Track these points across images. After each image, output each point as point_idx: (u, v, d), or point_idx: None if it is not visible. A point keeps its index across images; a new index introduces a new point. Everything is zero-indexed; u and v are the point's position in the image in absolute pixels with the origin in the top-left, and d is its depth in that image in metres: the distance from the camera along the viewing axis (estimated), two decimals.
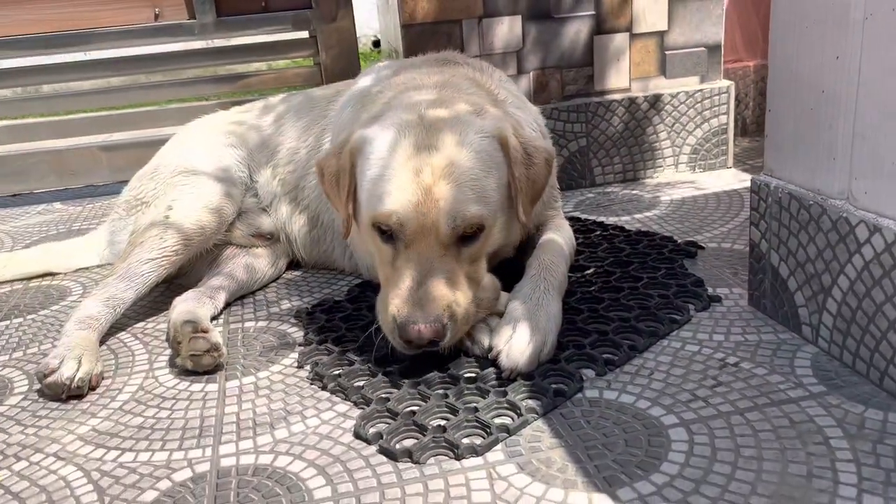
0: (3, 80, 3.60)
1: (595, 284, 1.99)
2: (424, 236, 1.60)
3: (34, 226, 3.13)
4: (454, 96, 1.83)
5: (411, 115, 1.73)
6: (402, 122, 1.71)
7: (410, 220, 1.59)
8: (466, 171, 1.64)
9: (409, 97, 1.84)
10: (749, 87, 3.41)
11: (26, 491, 1.40)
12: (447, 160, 1.63)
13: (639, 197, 2.77)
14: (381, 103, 1.90)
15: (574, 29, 2.80)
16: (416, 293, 1.56)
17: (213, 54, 3.86)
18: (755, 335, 1.71)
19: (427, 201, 1.59)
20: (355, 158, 1.74)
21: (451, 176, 1.61)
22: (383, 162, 1.67)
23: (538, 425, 1.45)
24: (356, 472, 1.36)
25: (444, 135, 1.67)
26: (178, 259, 2.07)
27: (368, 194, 1.68)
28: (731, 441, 1.35)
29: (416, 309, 1.54)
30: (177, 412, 1.63)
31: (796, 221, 1.63)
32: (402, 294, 1.57)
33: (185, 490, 1.36)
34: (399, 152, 1.66)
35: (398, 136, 1.68)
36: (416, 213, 1.59)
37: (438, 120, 1.70)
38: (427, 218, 1.58)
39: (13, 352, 1.99)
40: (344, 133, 1.96)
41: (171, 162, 2.31)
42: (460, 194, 1.61)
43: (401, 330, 1.55)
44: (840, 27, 1.46)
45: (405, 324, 1.54)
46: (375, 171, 1.68)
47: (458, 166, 1.63)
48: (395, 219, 1.60)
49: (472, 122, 1.71)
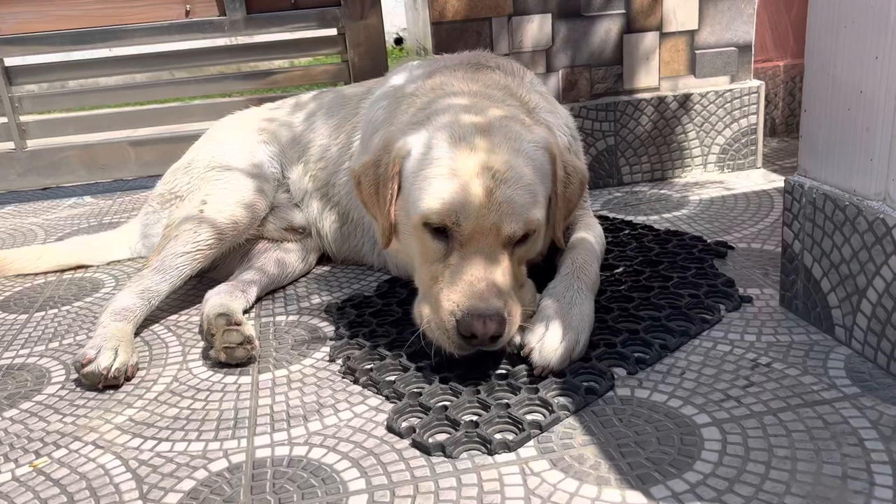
0: (34, 76, 3.64)
1: (625, 283, 1.99)
2: (484, 235, 1.59)
3: (65, 219, 3.18)
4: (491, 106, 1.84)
5: (459, 120, 1.72)
6: (452, 126, 1.70)
7: (471, 218, 1.58)
8: (524, 177, 1.65)
9: (450, 102, 1.84)
10: (779, 87, 3.39)
11: (67, 478, 1.43)
12: (506, 164, 1.63)
13: (667, 196, 2.77)
14: (417, 107, 1.91)
15: (604, 27, 2.80)
16: (476, 287, 1.54)
17: (241, 51, 3.89)
18: (787, 336, 1.71)
19: (489, 203, 1.59)
20: (401, 164, 1.73)
21: (511, 180, 1.62)
22: (438, 163, 1.65)
23: (570, 422, 1.46)
24: (390, 465, 1.38)
25: (500, 140, 1.68)
26: (211, 253, 2.10)
27: (421, 193, 1.66)
28: (764, 441, 1.35)
29: (480, 302, 1.52)
30: (211, 403, 1.65)
31: (831, 222, 1.63)
32: (463, 289, 1.54)
33: (221, 480, 1.38)
34: (455, 154, 1.65)
35: (451, 140, 1.68)
36: (477, 213, 1.58)
37: (490, 126, 1.71)
38: (487, 219, 1.58)
39: (49, 342, 2.02)
40: (378, 138, 1.97)
41: (205, 157, 2.34)
42: (521, 198, 1.62)
43: (463, 325, 1.51)
44: (879, 27, 1.45)
45: (469, 317, 1.51)
46: (429, 172, 1.66)
47: (516, 171, 1.64)
48: (455, 217, 1.59)
49: (522, 131, 1.73)
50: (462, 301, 1.53)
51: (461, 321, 1.52)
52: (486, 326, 1.51)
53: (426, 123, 1.76)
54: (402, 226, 1.76)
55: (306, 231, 2.37)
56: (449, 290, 1.57)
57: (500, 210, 1.59)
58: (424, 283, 1.68)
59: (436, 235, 1.64)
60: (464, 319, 1.51)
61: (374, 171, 1.79)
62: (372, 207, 1.83)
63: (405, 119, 1.89)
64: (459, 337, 1.54)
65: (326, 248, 2.41)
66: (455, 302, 1.54)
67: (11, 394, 1.76)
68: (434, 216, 1.62)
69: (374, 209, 1.82)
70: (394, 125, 1.92)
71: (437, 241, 1.64)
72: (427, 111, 1.82)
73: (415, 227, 1.68)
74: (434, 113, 1.79)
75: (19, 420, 1.65)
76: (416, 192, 1.67)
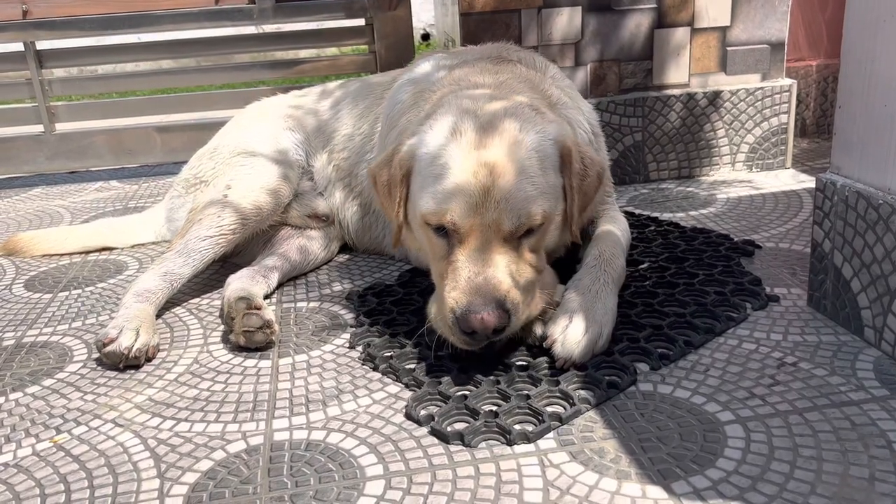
0: (65, 60, 3.68)
1: (649, 279, 1.97)
2: (483, 232, 1.57)
3: (91, 202, 3.20)
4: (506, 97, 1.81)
5: (466, 115, 1.70)
6: (456, 122, 1.69)
7: (467, 216, 1.56)
8: (526, 170, 1.62)
9: (463, 96, 1.81)
10: (811, 86, 3.33)
11: (86, 454, 1.43)
12: (507, 159, 1.61)
13: (694, 194, 2.73)
14: (434, 101, 1.90)
15: (634, 22, 2.77)
16: (474, 282, 1.53)
17: (269, 39, 3.90)
18: (814, 336, 1.68)
19: (487, 200, 1.56)
20: (409, 166, 1.72)
21: (510, 174, 1.59)
22: (438, 163, 1.64)
23: (591, 416, 1.44)
24: (408, 452, 1.37)
25: (503, 135, 1.65)
26: (234, 238, 2.10)
27: (422, 193, 1.65)
28: (789, 440, 1.32)
29: (477, 297, 1.50)
30: (231, 386, 1.65)
31: (863, 221, 1.59)
32: (461, 286, 1.53)
33: (239, 461, 1.38)
34: (455, 153, 1.63)
35: (453, 138, 1.66)
36: (474, 211, 1.56)
37: (496, 119, 1.68)
38: (486, 216, 1.56)
39: (72, 322, 2.04)
40: (396, 133, 1.96)
41: (231, 143, 2.35)
42: (521, 192, 1.59)
43: (462, 321, 1.50)
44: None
45: (466, 313, 1.49)
46: (430, 171, 1.65)
47: (518, 164, 1.61)
48: (450, 216, 1.58)
49: (532, 123, 1.70)
50: (460, 298, 1.52)
51: (460, 318, 1.51)
52: (483, 322, 1.48)
53: (433, 121, 1.74)
54: (412, 224, 1.76)
55: (329, 219, 2.37)
56: (451, 288, 1.55)
57: (499, 206, 1.56)
58: (436, 280, 1.69)
59: (438, 234, 1.63)
60: (462, 316, 1.50)
61: (387, 171, 1.78)
62: (386, 207, 1.83)
63: (421, 114, 1.88)
64: (461, 333, 1.52)
65: (348, 238, 2.41)
66: (455, 299, 1.53)
67: (34, 371, 1.78)
68: (431, 217, 1.61)
69: (388, 209, 1.82)
70: (411, 120, 1.92)
71: (440, 239, 1.63)
72: (440, 106, 1.81)
73: (421, 227, 1.68)
74: (444, 109, 1.76)
75: (41, 396, 1.66)
76: (417, 192, 1.68)
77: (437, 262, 1.65)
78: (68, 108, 3.63)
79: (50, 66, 3.51)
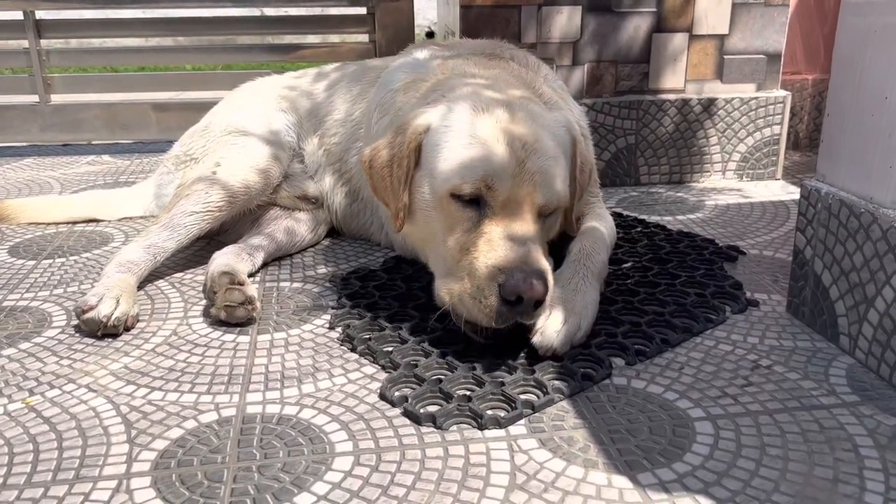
0: (64, 31, 3.66)
1: (632, 278, 1.98)
2: (518, 204, 1.57)
3: (82, 175, 3.20)
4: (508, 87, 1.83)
5: (481, 94, 1.71)
6: (474, 99, 1.69)
7: (507, 185, 1.56)
8: (551, 151, 1.65)
9: (467, 80, 1.83)
10: (806, 100, 3.35)
11: (57, 417, 1.43)
12: (534, 136, 1.63)
13: (683, 199, 2.75)
14: (431, 84, 1.91)
15: (633, 24, 2.78)
16: (519, 250, 1.50)
17: (270, 23, 3.90)
18: (790, 341, 1.69)
19: (522, 172, 1.58)
20: (420, 140, 1.69)
21: (540, 151, 1.62)
22: (465, 133, 1.63)
23: (563, 405, 1.45)
24: (379, 431, 1.37)
25: (523, 115, 1.67)
26: (221, 215, 2.10)
27: (448, 164, 1.62)
28: (757, 439, 1.33)
29: (524, 263, 1.47)
30: (207, 359, 1.65)
31: (845, 229, 1.60)
32: (503, 253, 1.49)
33: (209, 431, 1.38)
34: (481, 124, 1.63)
35: (475, 111, 1.66)
36: (511, 180, 1.57)
37: (511, 101, 1.70)
38: (521, 188, 1.57)
39: (54, 288, 2.03)
40: (385, 124, 1.97)
41: (223, 121, 2.34)
42: (551, 170, 1.62)
43: (508, 287, 1.44)
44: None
45: (514, 278, 1.44)
46: (457, 142, 1.63)
47: (543, 143, 1.64)
48: (491, 181, 1.56)
49: (542, 110, 1.74)
50: (504, 264, 1.48)
51: (506, 284, 1.45)
52: (532, 288, 1.45)
53: (445, 99, 1.75)
54: (419, 203, 1.71)
55: (319, 202, 2.37)
56: (486, 257, 1.51)
57: (534, 180, 1.59)
58: (451, 258, 1.62)
59: (465, 204, 1.60)
60: (508, 282, 1.45)
61: (387, 152, 1.75)
62: (383, 191, 1.77)
63: (418, 95, 1.88)
64: (501, 303, 1.47)
65: (335, 223, 2.41)
66: (495, 266, 1.49)
67: (11, 334, 1.77)
68: (467, 185, 1.58)
69: (386, 192, 1.76)
70: (406, 102, 1.92)
71: (467, 210, 1.60)
72: (443, 89, 1.81)
73: (440, 200, 1.64)
74: (452, 89, 1.78)
75: (17, 359, 1.66)
76: (442, 164, 1.64)
77: (460, 235, 1.60)
78: (65, 79, 3.62)
79: (48, 37, 3.51)
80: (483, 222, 1.58)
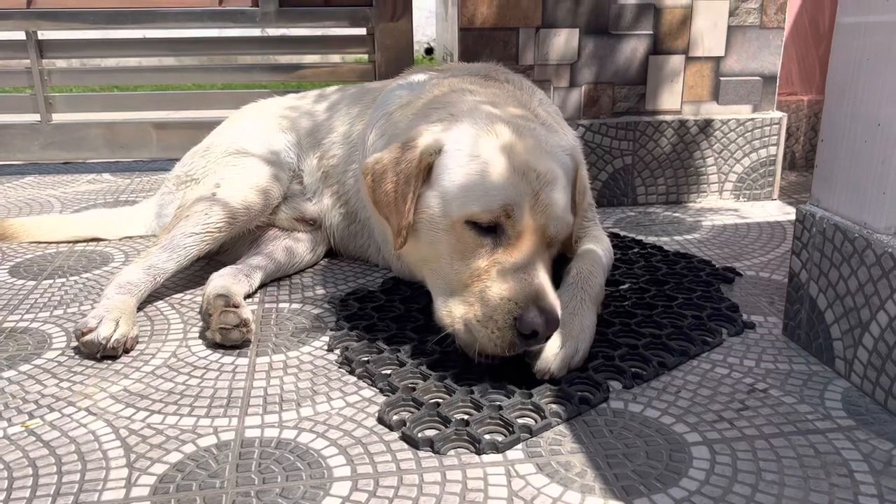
0: (66, 51, 3.70)
1: (629, 300, 1.99)
2: (531, 235, 1.61)
3: (83, 193, 3.21)
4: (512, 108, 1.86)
5: (492, 116, 1.74)
6: (487, 125, 1.71)
7: (525, 216, 1.60)
8: (560, 181, 1.68)
9: (473, 101, 1.85)
10: (801, 121, 3.38)
11: (57, 440, 1.44)
12: (546, 167, 1.66)
13: (680, 219, 2.76)
14: (428, 99, 1.93)
15: (630, 47, 2.81)
16: (534, 285, 1.55)
17: (271, 43, 3.94)
18: (786, 364, 1.70)
19: (537, 203, 1.62)
20: (434, 160, 1.69)
21: (552, 183, 1.65)
22: (481, 161, 1.64)
23: (560, 430, 1.46)
24: (377, 456, 1.38)
25: (538, 142, 1.71)
26: (221, 236, 2.11)
27: (466, 190, 1.63)
28: (753, 464, 1.34)
29: (541, 300, 1.53)
30: (206, 381, 1.66)
31: (839, 253, 1.62)
32: (520, 286, 1.53)
33: (208, 455, 1.39)
34: (498, 152, 1.65)
35: (487, 135, 1.68)
36: (529, 211, 1.61)
37: (522, 129, 1.72)
38: (537, 219, 1.61)
39: (54, 309, 2.04)
40: (381, 145, 1.98)
41: (224, 142, 2.36)
42: (561, 201, 1.66)
43: (526, 322, 1.50)
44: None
45: (533, 314, 1.50)
46: (475, 167, 1.64)
47: (554, 174, 1.67)
48: (512, 211, 1.59)
49: (550, 136, 1.77)
50: (520, 299, 1.53)
51: (523, 319, 1.50)
52: (549, 326, 1.52)
53: (448, 115, 1.77)
54: (425, 223, 1.69)
55: (317, 223, 2.38)
56: (500, 288, 1.55)
57: (546, 212, 1.62)
58: (457, 282, 1.62)
59: (480, 232, 1.61)
60: (525, 317, 1.50)
61: (392, 168, 1.73)
62: (385, 207, 1.75)
63: (414, 111, 1.91)
64: (515, 335, 1.52)
65: (333, 244, 2.42)
66: (511, 299, 1.53)
67: (12, 355, 1.78)
68: (486, 213, 1.59)
69: (389, 208, 1.74)
70: (410, 117, 1.93)
71: (482, 237, 1.61)
72: (443, 104, 1.83)
73: (453, 224, 1.64)
74: (453, 104, 1.81)
75: (16, 381, 1.66)
76: (458, 189, 1.64)
77: (470, 262, 1.61)
78: (66, 98, 3.65)
79: (51, 57, 3.54)
80: (497, 251, 1.60)
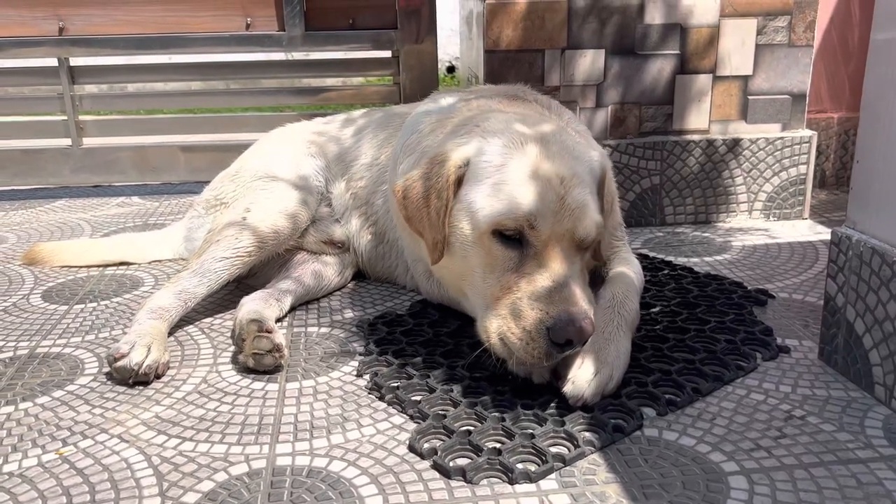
0: (96, 77, 3.76)
1: (661, 323, 1.96)
2: (559, 241, 1.60)
3: (112, 217, 3.25)
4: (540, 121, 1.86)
5: (515, 130, 1.74)
6: (510, 135, 1.72)
7: (549, 222, 1.59)
8: (586, 183, 1.69)
9: (500, 116, 1.85)
10: (831, 139, 3.34)
11: (90, 468, 1.44)
12: (571, 171, 1.66)
13: (709, 240, 2.73)
14: (459, 121, 1.93)
15: (657, 66, 2.80)
16: (564, 292, 1.53)
17: (297, 67, 3.97)
18: (824, 390, 1.67)
19: (562, 208, 1.61)
20: (462, 172, 1.71)
21: (579, 187, 1.65)
22: (505, 170, 1.66)
23: (594, 458, 1.44)
24: (408, 485, 1.37)
25: (558, 149, 1.71)
26: (250, 260, 2.12)
27: (490, 200, 1.64)
28: (793, 495, 1.31)
29: (572, 306, 1.51)
30: (237, 408, 1.66)
31: (877, 277, 1.59)
32: (549, 295, 1.53)
33: (240, 484, 1.38)
34: (522, 161, 1.66)
35: (513, 147, 1.69)
36: (553, 217, 1.60)
37: (546, 136, 1.73)
38: (562, 224, 1.60)
39: (86, 334, 2.06)
40: (420, 151, 1.99)
41: (253, 166, 2.38)
42: (589, 205, 1.66)
43: (557, 331, 1.48)
44: None
45: (563, 322, 1.48)
46: (498, 178, 1.65)
47: (580, 177, 1.67)
48: (534, 220, 1.58)
49: (577, 144, 1.78)
50: (551, 308, 1.52)
51: (555, 328, 1.49)
52: (581, 332, 1.50)
53: (480, 134, 1.77)
54: (457, 237, 1.71)
55: (345, 246, 2.39)
56: (531, 298, 1.55)
57: (574, 214, 1.61)
58: (490, 296, 1.64)
59: (507, 244, 1.63)
60: (557, 326, 1.49)
61: (422, 183, 1.76)
62: (419, 222, 1.78)
63: (446, 132, 1.92)
64: (550, 345, 1.51)
65: (362, 265, 2.42)
66: (543, 309, 1.52)
67: (45, 381, 1.80)
68: (510, 221, 1.60)
69: (422, 223, 1.77)
70: (440, 137, 1.94)
71: (509, 250, 1.62)
72: (475, 124, 1.83)
73: (480, 237, 1.65)
74: (485, 121, 1.82)
75: (50, 407, 1.68)
76: (483, 200, 1.66)
77: (501, 275, 1.62)
78: (97, 123, 3.70)
79: (82, 82, 3.59)
80: (525, 261, 1.61)
